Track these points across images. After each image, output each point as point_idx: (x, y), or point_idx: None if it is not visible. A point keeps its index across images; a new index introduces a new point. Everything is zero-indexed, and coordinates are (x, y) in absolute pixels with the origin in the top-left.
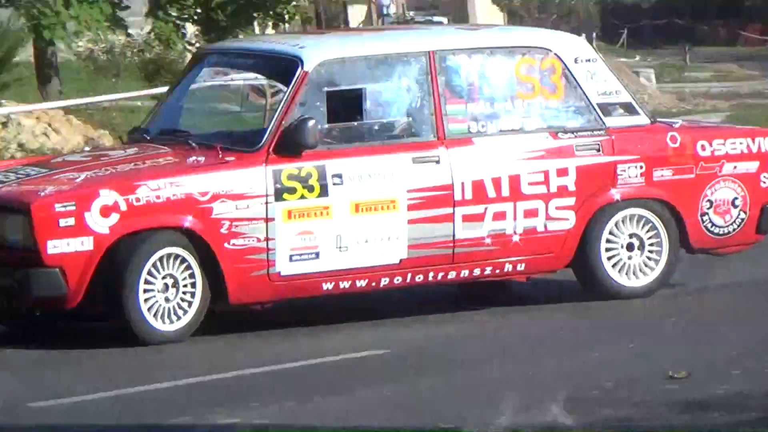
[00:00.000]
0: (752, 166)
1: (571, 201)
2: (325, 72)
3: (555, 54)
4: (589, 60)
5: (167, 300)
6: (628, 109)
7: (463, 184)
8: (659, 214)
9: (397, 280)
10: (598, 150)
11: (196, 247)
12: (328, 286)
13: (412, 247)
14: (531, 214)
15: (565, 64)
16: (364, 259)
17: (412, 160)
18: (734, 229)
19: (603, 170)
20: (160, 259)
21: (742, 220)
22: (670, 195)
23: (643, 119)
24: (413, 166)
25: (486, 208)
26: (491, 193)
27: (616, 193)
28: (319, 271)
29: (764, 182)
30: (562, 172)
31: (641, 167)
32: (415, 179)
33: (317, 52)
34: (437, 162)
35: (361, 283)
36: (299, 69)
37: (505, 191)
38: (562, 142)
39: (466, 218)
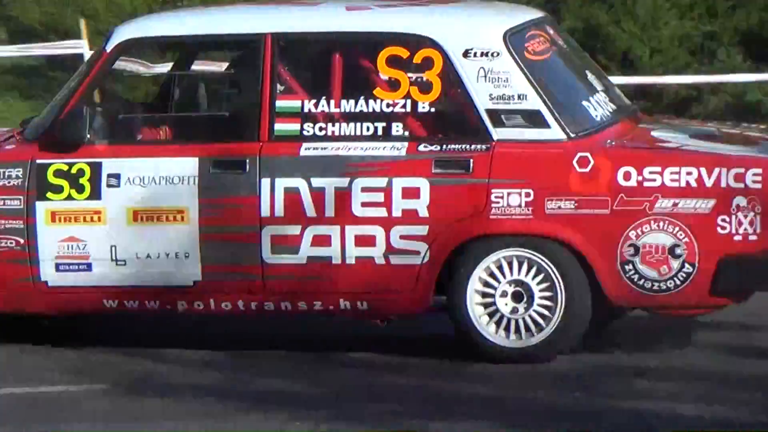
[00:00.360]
0: (703, 204)
1: (422, 230)
2: (126, 55)
3: (437, 44)
4: (487, 54)
5: None
6: (534, 119)
7: (273, 198)
8: (552, 257)
9: (198, 305)
10: (467, 169)
11: None
12: (110, 303)
13: (208, 268)
14: (365, 242)
15: (448, 58)
16: (148, 278)
17: (212, 165)
18: (676, 286)
19: (470, 195)
20: None
21: (688, 274)
22: (569, 233)
23: (554, 133)
24: (211, 172)
25: (303, 230)
26: (310, 211)
27: (487, 226)
28: (93, 285)
29: (723, 227)
30: (411, 193)
31: (528, 195)
32: (212, 188)
33: (124, 29)
34: (242, 169)
35: (152, 305)
36: (102, 48)
37: (330, 211)
38: (419, 156)
39: (277, 240)
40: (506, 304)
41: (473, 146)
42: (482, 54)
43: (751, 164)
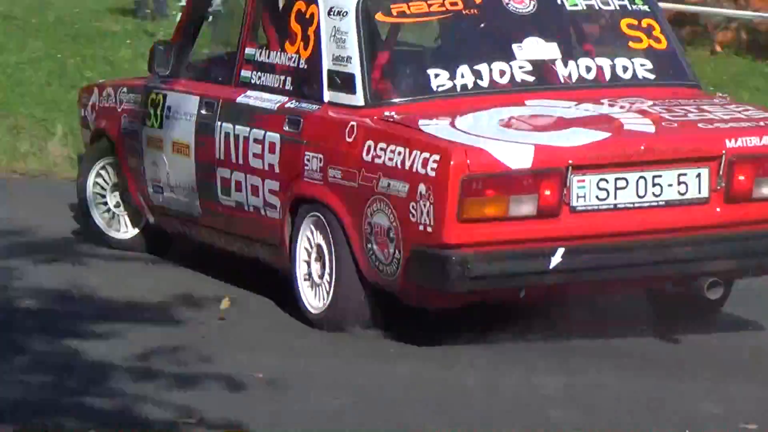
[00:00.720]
0: (402, 188)
1: (277, 185)
2: None
3: (316, 0)
4: (339, 13)
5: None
6: (347, 83)
7: (220, 140)
8: (331, 226)
9: (209, 238)
10: (298, 129)
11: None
12: (176, 227)
13: (203, 203)
14: (255, 191)
15: (319, 15)
16: (181, 207)
17: (201, 105)
18: (393, 272)
19: (296, 155)
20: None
21: (398, 262)
22: (336, 203)
23: (356, 99)
24: (201, 111)
25: (231, 174)
26: (233, 157)
27: (300, 188)
28: (166, 207)
29: (413, 215)
30: (272, 148)
31: (320, 161)
32: (200, 126)
33: None
34: (211, 109)
35: (194, 233)
36: None
37: (241, 158)
38: (281, 112)
39: (223, 182)
40: (317, 269)
41: (309, 107)
42: (337, 13)
43: (436, 149)
